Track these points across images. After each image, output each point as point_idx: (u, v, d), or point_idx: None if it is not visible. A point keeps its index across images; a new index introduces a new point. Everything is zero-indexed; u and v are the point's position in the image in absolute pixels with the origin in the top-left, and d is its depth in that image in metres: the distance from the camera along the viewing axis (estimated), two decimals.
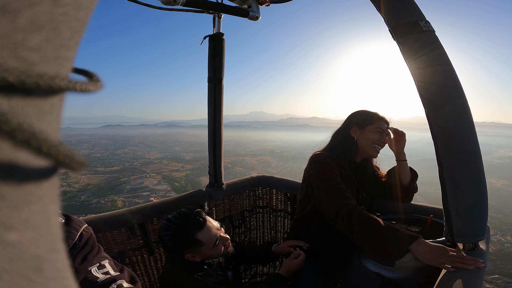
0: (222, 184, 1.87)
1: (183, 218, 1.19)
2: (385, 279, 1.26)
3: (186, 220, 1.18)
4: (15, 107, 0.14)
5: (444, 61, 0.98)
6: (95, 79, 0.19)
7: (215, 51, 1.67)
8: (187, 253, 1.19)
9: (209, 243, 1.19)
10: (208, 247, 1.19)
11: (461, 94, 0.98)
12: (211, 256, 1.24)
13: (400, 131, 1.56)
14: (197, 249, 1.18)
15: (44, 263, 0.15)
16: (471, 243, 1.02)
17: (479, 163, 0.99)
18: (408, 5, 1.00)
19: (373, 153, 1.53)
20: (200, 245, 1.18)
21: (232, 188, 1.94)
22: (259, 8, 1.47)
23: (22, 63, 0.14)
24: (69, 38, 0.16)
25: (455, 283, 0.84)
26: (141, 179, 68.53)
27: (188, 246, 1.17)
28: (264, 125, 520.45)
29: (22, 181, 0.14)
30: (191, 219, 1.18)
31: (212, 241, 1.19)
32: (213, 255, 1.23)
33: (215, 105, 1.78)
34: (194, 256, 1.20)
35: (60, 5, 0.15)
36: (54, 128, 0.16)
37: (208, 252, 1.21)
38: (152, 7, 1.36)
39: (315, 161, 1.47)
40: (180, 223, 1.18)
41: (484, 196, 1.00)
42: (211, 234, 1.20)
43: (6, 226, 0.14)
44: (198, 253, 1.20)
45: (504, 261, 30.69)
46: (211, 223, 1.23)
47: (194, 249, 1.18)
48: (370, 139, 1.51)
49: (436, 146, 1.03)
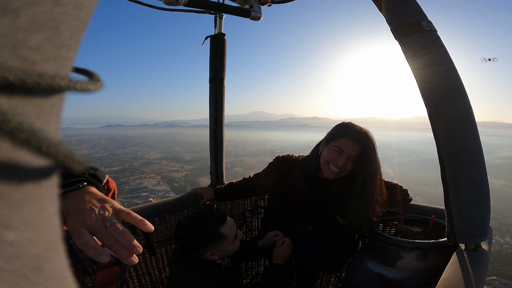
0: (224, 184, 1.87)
1: (207, 213, 1.17)
2: (386, 279, 1.26)
3: (210, 214, 1.17)
4: (15, 106, 0.14)
5: (446, 61, 0.98)
6: (95, 78, 0.19)
7: (216, 52, 1.67)
8: (208, 250, 1.16)
9: (231, 236, 1.19)
10: (230, 242, 1.18)
11: (463, 94, 0.98)
12: (229, 252, 1.22)
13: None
14: (220, 243, 1.16)
15: (43, 262, 0.15)
16: (473, 243, 1.02)
17: (482, 163, 0.99)
18: (410, 5, 1.00)
19: (326, 172, 1.39)
20: (223, 240, 1.16)
21: None
22: (260, 8, 1.47)
23: (23, 62, 0.14)
24: (70, 38, 0.16)
25: (456, 284, 0.84)
26: (140, 179, 68.50)
27: (212, 241, 1.15)
28: (265, 125, 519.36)
29: (22, 180, 0.14)
30: (214, 213, 1.17)
31: (233, 234, 1.20)
32: (231, 251, 1.22)
33: (216, 105, 1.78)
34: (213, 254, 1.17)
35: (61, 4, 0.15)
36: (54, 128, 0.16)
37: (228, 247, 1.19)
38: (154, 8, 1.36)
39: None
40: (204, 218, 1.16)
41: (486, 196, 1.00)
42: (233, 227, 1.20)
43: (6, 225, 0.14)
44: (219, 249, 1.18)
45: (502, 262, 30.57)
46: (229, 218, 1.23)
47: (217, 245, 1.16)
48: (325, 157, 1.37)
49: (438, 146, 1.03)
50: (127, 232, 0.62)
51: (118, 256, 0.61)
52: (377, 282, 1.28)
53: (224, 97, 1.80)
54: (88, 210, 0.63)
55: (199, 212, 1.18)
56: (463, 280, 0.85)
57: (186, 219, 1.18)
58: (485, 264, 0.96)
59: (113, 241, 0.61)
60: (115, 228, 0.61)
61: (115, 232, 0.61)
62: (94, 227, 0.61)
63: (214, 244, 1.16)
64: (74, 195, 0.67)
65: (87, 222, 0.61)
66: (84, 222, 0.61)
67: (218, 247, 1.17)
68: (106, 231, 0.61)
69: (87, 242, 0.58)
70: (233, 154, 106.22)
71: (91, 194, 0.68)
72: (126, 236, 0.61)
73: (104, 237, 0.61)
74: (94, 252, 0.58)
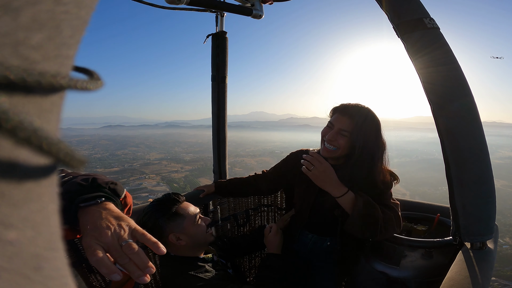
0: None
1: (160, 198, 1.23)
2: (390, 278, 1.25)
3: (163, 198, 1.22)
4: (16, 105, 0.14)
5: (449, 59, 0.97)
6: (96, 77, 0.19)
7: (218, 50, 1.67)
8: (170, 232, 1.16)
9: (190, 217, 1.18)
10: (191, 222, 1.18)
11: (467, 92, 0.97)
12: (197, 237, 1.20)
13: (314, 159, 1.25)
14: (179, 223, 1.16)
15: (43, 261, 0.15)
16: (479, 242, 1.01)
17: (487, 161, 0.98)
18: (412, 2, 0.99)
19: (322, 151, 1.31)
20: (181, 218, 1.16)
21: None
22: (262, 7, 1.47)
23: (24, 61, 0.14)
24: (70, 37, 0.16)
25: (462, 283, 0.83)
26: (140, 180, 68.49)
27: (170, 220, 1.15)
28: (265, 125, 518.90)
29: (22, 179, 0.14)
30: (168, 196, 1.23)
31: (193, 215, 1.19)
32: (199, 236, 1.20)
33: (219, 103, 1.78)
34: (178, 239, 1.16)
35: (61, 3, 0.15)
36: (55, 126, 0.16)
37: (192, 229, 1.18)
38: (157, 7, 1.36)
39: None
40: (158, 201, 1.21)
41: (491, 194, 0.99)
42: (191, 209, 1.21)
43: (6, 224, 0.14)
44: (182, 231, 1.16)
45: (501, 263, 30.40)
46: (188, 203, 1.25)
47: (176, 224, 1.16)
48: (322, 134, 1.32)
49: (442, 144, 1.02)
50: (141, 252, 0.63)
51: (131, 275, 0.62)
52: (381, 281, 1.28)
53: (227, 95, 1.80)
54: (104, 227, 0.63)
55: (154, 200, 1.24)
56: (469, 279, 0.84)
57: (148, 207, 1.22)
58: (491, 263, 0.95)
59: (127, 260, 0.62)
60: (131, 248, 0.62)
61: (130, 252, 0.62)
62: (109, 246, 0.61)
63: (173, 224, 1.16)
64: (92, 211, 0.67)
65: (103, 240, 0.61)
66: (99, 239, 0.61)
67: (178, 227, 1.16)
68: (121, 250, 0.62)
69: (101, 260, 0.59)
70: (233, 155, 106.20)
71: (108, 210, 0.69)
72: (141, 257, 0.62)
73: (119, 256, 0.62)
74: (107, 271, 0.59)
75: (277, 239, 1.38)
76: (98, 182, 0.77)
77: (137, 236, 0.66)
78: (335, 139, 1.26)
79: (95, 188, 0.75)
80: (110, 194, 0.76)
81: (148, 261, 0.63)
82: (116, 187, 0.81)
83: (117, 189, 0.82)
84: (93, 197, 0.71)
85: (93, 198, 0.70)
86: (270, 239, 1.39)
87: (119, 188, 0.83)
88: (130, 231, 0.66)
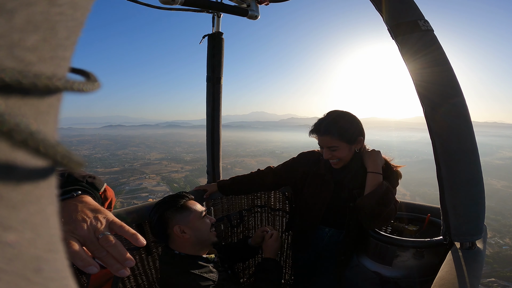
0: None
1: (172, 194, 1.30)
2: (383, 278, 1.27)
3: (174, 194, 1.30)
4: (12, 108, 0.14)
5: (442, 60, 0.98)
6: (92, 78, 0.18)
7: (214, 50, 1.67)
8: (175, 224, 1.18)
9: (196, 212, 1.23)
10: (196, 216, 1.21)
11: (458, 93, 0.98)
12: (201, 232, 1.21)
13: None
14: (185, 215, 1.19)
15: (43, 263, 0.15)
16: (469, 242, 1.02)
17: (477, 162, 0.99)
18: (407, 4, 1.00)
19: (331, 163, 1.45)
20: (188, 212, 1.21)
21: None
22: (258, 7, 1.47)
23: (19, 63, 0.14)
24: (66, 38, 0.16)
25: (452, 282, 0.84)
26: (140, 180, 68.51)
27: (177, 212, 1.20)
28: (265, 125, 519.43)
29: (20, 181, 0.14)
30: (179, 192, 1.31)
31: (199, 210, 1.24)
32: (202, 231, 1.22)
33: (214, 104, 1.79)
34: (183, 232, 1.18)
35: (56, 5, 0.15)
36: (52, 128, 0.16)
37: (196, 223, 1.20)
38: (151, 7, 1.36)
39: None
40: (168, 196, 1.29)
41: (481, 195, 1.01)
42: (198, 205, 1.27)
43: (5, 226, 0.14)
44: (187, 224, 1.18)
45: (501, 264, 30.29)
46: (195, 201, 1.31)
47: (182, 217, 1.19)
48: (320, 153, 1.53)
49: (434, 145, 1.04)
50: (119, 245, 0.60)
51: (109, 268, 0.60)
52: (374, 280, 1.29)
53: (221, 96, 1.81)
54: (80, 220, 0.61)
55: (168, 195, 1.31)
56: (459, 279, 0.86)
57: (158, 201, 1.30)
58: (480, 263, 0.97)
59: (104, 253, 0.59)
60: (108, 241, 0.60)
61: (107, 245, 0.59)
62: (85, 238, 0.59)
63: (180, 216, 1.19)
64: (67, 204, 0.65)
65: (78, 233, 0.59)
66: (75, 232, 0.59)
67: (184, 219, 1.19)
68: (98, 243, 0.60)
69: (75, 253, 0.56)
70: (233, 155, 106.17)
71: (84, 203, 0.67)
72: (119, 249, 0.60)
73: (95, 249, 0.59)
74: (82, 263, 0.56)
75: (276, 245, 1.40)
76: (75, 176, 0.75)
77: (114, 229, 0.64)
78: (331, 155, 1.39)
79: (71, 182, 0.73)
80: (88, 187, 0.74)
81: (127, 253, 0.60)
82: (94, 180, 0.80)
83: (95, 182, 0.80)
84: (68, 191, 0.68)
85: (68, 192, 0.68)
86: (271, 244, 1.39)
87: (98, 181, 0.81)
88: (108, 224, 0.63)
